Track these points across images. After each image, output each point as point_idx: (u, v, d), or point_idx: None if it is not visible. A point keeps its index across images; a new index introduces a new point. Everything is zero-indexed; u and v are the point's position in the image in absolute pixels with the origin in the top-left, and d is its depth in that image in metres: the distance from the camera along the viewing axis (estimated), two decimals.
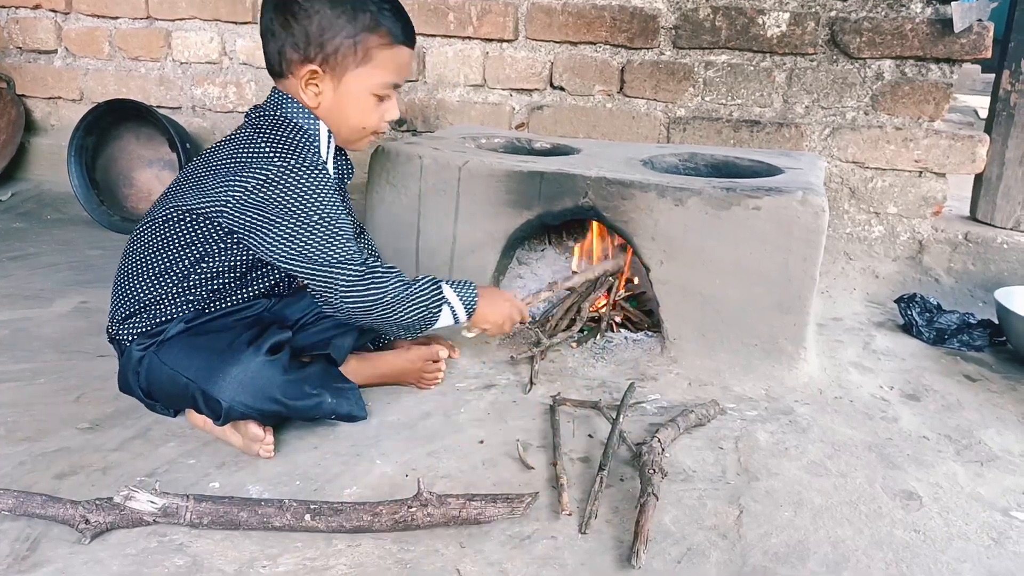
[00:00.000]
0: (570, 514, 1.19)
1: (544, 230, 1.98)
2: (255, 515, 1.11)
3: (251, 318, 1.40)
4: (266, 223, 1.27)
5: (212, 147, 1.39)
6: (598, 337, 1.82)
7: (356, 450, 1.36)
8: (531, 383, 1.61)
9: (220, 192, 1.29)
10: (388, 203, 1.91)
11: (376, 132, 1.45)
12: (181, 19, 2.84)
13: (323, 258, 1.27)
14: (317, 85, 1.35)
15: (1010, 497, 1.29)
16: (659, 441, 1.33)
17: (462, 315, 1.42)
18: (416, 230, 1.90)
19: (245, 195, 1.27)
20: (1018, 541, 1.18)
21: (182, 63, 2.90)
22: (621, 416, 1.42)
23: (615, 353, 1.78)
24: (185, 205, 1.33)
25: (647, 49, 2.42)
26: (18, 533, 1.10)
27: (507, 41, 2.54)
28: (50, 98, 3.09)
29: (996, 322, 1.93)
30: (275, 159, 1.28)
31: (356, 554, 1.09)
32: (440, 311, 1.39)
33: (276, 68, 1.38)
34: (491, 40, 2.55)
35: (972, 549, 1.15)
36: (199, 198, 1.32)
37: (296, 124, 1.35)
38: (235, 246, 1.34)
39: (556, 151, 2.10)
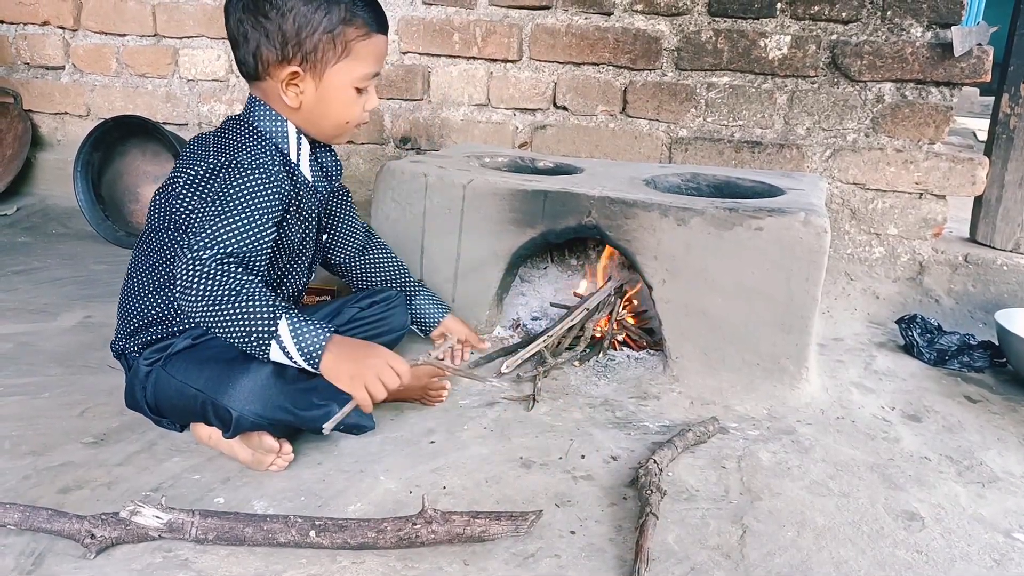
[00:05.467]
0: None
1: (547, 248, 1.99)
2: (260, 531, 1.11)
3: None
4: (190, 212, 1.31)
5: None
6: (600, 355, 1.83)
7: (360, 466, 1.36)
8: (534, 400, 1.62)
9: (165, 192, 1.36)
10: (393, 220, 1.92)
11: (358, 124, 1.43)
12: (188, 37, 2.87)
13: (191, 238, 1.23)
14: (298, 85, 1.34)
15: (1012, 518, 1.30)
16: (655, 462, 1.34)
17: (300, 361, 1.23)
18: (420, 247, 1.92)
19: (178, 190, 1.33)
20: (1020, 563, 1.18)
21: (189, 80, 2.93)
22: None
23: (617, 371, 1.79)
24: (163, 218, 1.38)
25: (649, 70, 2.45)
26: (23, 547, 1.10)
27: (511, 61, 2.56)
28: (57, 113, 3.12)
29: (996, 343, 1.94)
30: (210, 158, 1.31)
31: (360, 571, 1.09)
32: (269, 345, 1.21)
33: (251, 72, 1.36)
34: (495, 60, 2.57)
35: (974, 570, 1.16)
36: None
37: (257, 130, 1.36)
38: None
39: (559, 170, 2.12)
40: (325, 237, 1.65)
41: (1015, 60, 2.27)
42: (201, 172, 1.30)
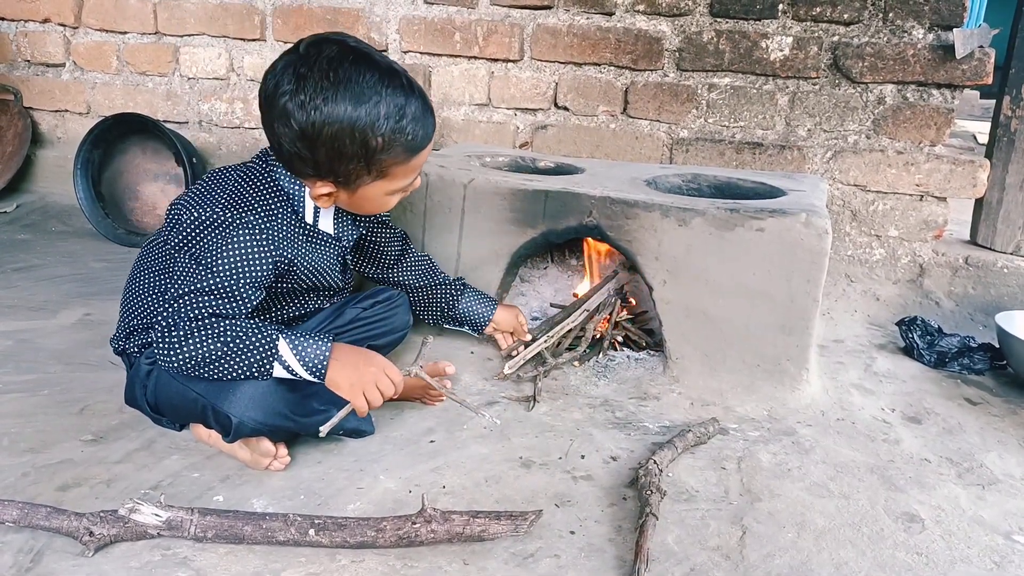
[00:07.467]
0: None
1: (547, 248, 1.99)
2: (259, 529, 1.11)
3: None
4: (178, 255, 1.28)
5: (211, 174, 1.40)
6: (600, 356, 1.83)
7: (360, 465, 1.36)
8: (534, 400, 1.62)
9: (178, 215, 1.31)
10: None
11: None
12: (190, 35, 2.87)
13: (170, 303, 1.23)
14: (330, 196, 1.33)
15: (1012, 521, 1.30)
16: (655, 463, 1.34)
17: (304, 375, 1.25)
18: (421, 247, 1.92)
19: (184, 226, 1.28)
20: (1020, 565, 1.18)
21: (190, 78, 2.92)
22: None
23: (617, 372, 1.78)
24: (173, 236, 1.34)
25: (651, 71, 2.44)
26: (21, 545, 1.10)
27: (512, 61, 2.56)
28: (57, 111, 3.11)
29: (997, 346, 1.94)
30: (217, 208, 1.27)
31: (360, 570, 1.09)
32: (271, 367, 1.23)
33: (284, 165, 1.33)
34: (497, 60, 2.57)
35: (975, 572, 1.16)
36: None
37: (278, 187, 1.34)
38: None
39: (560, 170, 2.12)
40: (359, 256, 1.67)
41: (1016, 62, 2.27)
42: (205, 219, 1.26)
